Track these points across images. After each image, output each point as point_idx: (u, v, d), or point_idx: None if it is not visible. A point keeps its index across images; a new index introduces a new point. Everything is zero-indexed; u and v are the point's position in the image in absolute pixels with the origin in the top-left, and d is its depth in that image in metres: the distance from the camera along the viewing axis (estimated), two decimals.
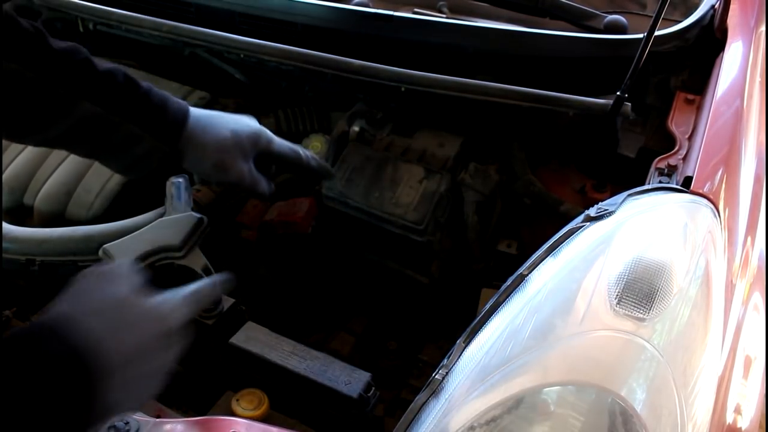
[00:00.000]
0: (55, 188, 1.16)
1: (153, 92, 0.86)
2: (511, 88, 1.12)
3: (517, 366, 0.68)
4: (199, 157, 0.91)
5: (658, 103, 1.21)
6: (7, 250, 1.02)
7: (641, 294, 0.71)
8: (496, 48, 1.23)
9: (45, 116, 0.81)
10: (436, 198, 1.11)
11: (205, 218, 1.01)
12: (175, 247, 0.95)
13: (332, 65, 1.20)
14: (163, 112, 0.86)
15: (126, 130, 0.85)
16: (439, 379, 0.72)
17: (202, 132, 0.90)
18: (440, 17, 1.40)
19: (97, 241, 0.99)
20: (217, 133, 0.91)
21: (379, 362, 1.16)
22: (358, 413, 0.84)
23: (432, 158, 1.18)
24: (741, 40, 1.23)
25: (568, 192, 1.18)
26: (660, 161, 1.00)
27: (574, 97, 1.11)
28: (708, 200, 0.87)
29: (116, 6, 1.39)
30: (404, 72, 1.16)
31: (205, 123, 0.91)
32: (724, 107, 1.06)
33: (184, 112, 0.89)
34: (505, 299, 0.77)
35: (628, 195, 0.88)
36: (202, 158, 0.91)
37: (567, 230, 0.84)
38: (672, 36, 1.19)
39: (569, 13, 1.34)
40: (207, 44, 1.29)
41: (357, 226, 1.16)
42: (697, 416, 0.67)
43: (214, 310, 0.93)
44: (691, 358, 0.70)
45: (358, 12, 1.29)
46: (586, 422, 0.64)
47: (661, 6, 0.98)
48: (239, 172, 0.92)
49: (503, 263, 1.14)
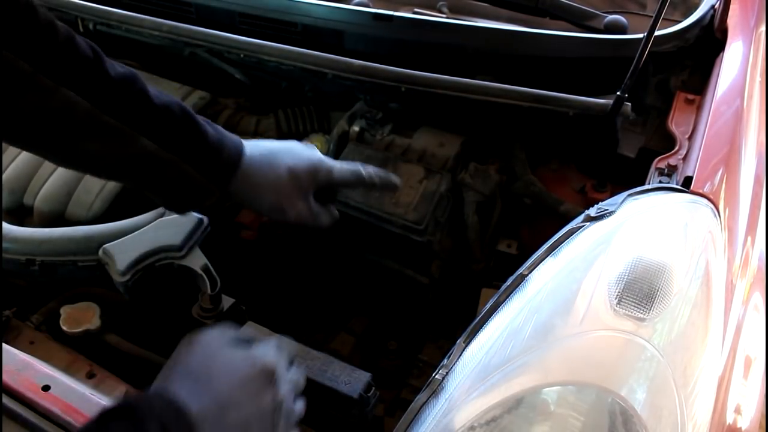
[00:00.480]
0: (55, 188, 1.16)
1: (209, 131, 0.83)
2: (512, 88, 1.12)
3: (517, 366, 0.68)
4: (255, 199, 0.88)
5: (658, 103, 1.21)
6: (7, 250, 1.02)
7: (641, 294, 0.71)
8: (496, 48, 1.23)
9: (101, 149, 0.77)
10: (436, 198, 1.11)
11: (205, 218, 1.01)
12: (175, 247, 0.96)
13: (332, 65, 1.20)
14: (218, 153, 0.83)
15: (179, 168, 0.81)
16: (439, 379, 0.72)
17: (257, 171, 0.86)
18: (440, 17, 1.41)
19: (97, 241, 0.99)
20: (273, 172, 0.87)
21: (379, 362, 1.16)
22: (358, 413, 0.84)
23: (432, 158, 1.18)
24: (741, 40, 1.23)
25: (568, 192, 1.18)
26: (660, 161, 1.00)
27: (574, 97, 1.11)
28: (708, 200, 0.87)
29: (116, 6, 1.39)
30: (404, 72, 1.16)
31: (260, 162, 0.87)
32: (724, 107, 1.06)
33: (238, 151, 0.85)
34: (505, 299, 0.77)
35: (628, 195, 0.88)
36: (259, 200, 0.88)
37: (567, 230, 0.84)
38: (672, 36, 1.19)
39: (569, 13, 1.34)
40: (207, 44, 1.29)
41: (357, 226, 1.16)
42: (697, 416, 0.67)
43: (214, 311, 0.93)
44: (691, 358, 0.70)
45: (358, 12, 1.29)
46: (586, 422, 0.64)
47: (661, 6, 0.98)
48: (298, 212, 0.89)
49: (503, 263, 1.14)
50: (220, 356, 0.64)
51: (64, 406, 0.76)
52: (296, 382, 0.69)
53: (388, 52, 1.24)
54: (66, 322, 0.97)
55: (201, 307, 0.93)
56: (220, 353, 0.64)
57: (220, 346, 0.65)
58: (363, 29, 1.28)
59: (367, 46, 1.27)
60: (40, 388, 0.77)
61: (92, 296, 1.03)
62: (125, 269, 0.93)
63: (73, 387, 0.78)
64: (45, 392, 0.77)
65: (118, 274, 0.93)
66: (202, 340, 0.65)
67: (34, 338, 0.96)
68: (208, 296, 0.92)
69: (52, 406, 0.75)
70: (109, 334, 1.00)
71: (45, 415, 0.75)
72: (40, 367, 0.81)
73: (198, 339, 0.66)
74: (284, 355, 0.69)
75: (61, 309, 0.98)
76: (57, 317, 0.98)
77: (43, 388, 0.77)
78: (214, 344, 0.65)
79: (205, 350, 0.64)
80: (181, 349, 0.65)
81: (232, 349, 0.65)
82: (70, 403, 0.76)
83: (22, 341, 0.95)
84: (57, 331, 0.97)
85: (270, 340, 0.70)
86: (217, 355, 0.64)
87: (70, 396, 0.77)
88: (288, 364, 0.70)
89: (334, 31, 1.30)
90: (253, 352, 0.66)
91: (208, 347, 0.65)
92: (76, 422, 0.74)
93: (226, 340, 0.66)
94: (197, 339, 0.66)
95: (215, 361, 0.63)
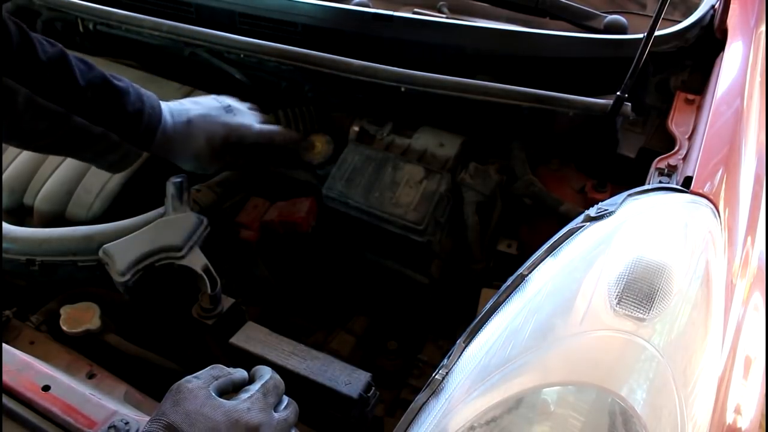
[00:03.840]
0: (55, 188, 1.16)
1: (129, 101, 0.97)
2: (511, 88, 1.12)
3: (517, 366, 0.68)
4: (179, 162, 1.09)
5: (658, 103, 1.21)
6: (7, 250, 1.02)
7: (641, 294, 0.71)
8: (496, 48, 1.23)
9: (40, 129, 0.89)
10: (436, 198, 1.11)
11: (205, 218, 1.01)
12: (175, 247, 0.96)
13: (332, 65, 1.20)
14: (139, 121, 0.98)
15: (108, 138, 0.95)
16: (439, 379, 0.72)
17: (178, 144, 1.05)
18: (440, 17, 1.40)
19: (97, 241, 0.99)
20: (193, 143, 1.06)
21: (379, 362, 1.16)
22: (358, 413, 0.84)
23: (432, 158, 1.18)
24: (741, 40, 1.23)
25: (568, 192, 1.18)
26: (660, 161, 1.00)
27: (574, 97, 1.11)
28: (708, 200, 0.87)
29: (116, 6, 1.39)
30: (404, 72, 1.16)
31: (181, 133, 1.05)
32: (724, 107, 1.06)
33: (157, 118, 1.01)
34: (505, 299, 0.77)
35: (628, 195, 0.88)
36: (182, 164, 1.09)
37: (567, 230, 0.84)
38: (672, 36, 1.19)
39: (569, 13, 1.34)
40: (207, 44, 1.29)
41: (357, 226, 1.16)
42: (697, 416, 0.67)
43: (214, 311, 0.93)
44: (691, 358, 0.70)
45: (358, 12, 1.29)
46: (586, 422, 0.64)
47: (661, 6, 0.98)
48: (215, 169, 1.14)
49: (503, 263, 1.14)
50: (202, 414, 0.64)
51: (64, 406, 0.76)
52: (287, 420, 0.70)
53: (388, 52, 1.24)
54: (66, 322, 0.97)
55: (201, 307, 0.93)
56: (202, 410, 0.64)
57: (204, 401, 0.65)
58: (363, 29, 1.28)
59: (367, 46, 1.27)
60: (40, 388, 0.77)
61: (92, 296, 1.03)
62: (125, 269, 0.93)
63: (73, 387, 0.78)
64: (45, 392, 0.77)
65: (118, 274, 0.93)
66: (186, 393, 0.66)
67: (34, 338, 0.96)
68: (208, 296, 0.92)
69: (52, 406, 0.75)
70: (109, 334, 1.00)
71: (45, 415, 0.75)
72: (40, 367, 0.81)
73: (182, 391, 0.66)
74: (274, 394, 0.70)
75: (61, 309, 0.98)
76: (57, 317, 0.98)
77: (43, 388, 0.77)
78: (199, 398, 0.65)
79: (188, 406, 0.64)
80: (166, 401, 0.65)
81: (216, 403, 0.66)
82: (70, 403, 0.76)
83: (22, 341, 0.95)
84: (57, 331, 0.97)
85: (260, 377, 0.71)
86: (199, 412, 0.64)
87: (70, 396, 0.77)
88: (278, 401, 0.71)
89: (334, 31, 1.30)
90: (237, 407, 0.66)
91: (193, 402, 0.65)
92: (76, 422, 0.74)
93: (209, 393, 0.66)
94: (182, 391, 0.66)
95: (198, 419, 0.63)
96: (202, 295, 0.93)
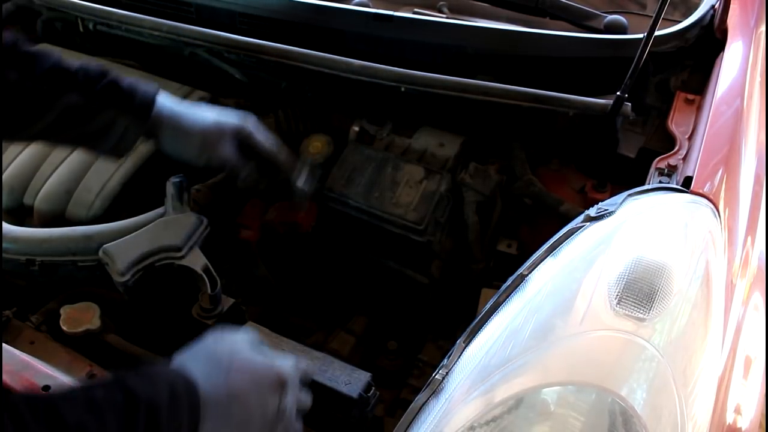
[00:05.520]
0: (55, 188, 1.16)
1: (121, 79, 0.94)
2: (511, 88, 1.12)
3: (517, 366, 0.68)
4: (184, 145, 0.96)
5: (658, 103, 1.21)
6: (7, 250, 1.02)
7: (641, 294, 0.71)
8: (496, 48, 1.23)
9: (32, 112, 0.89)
10: (436, 198, 1.11)
11: (205, 218, 1.01)
12: (175, 247, 0.95)
13: (332, 65, 1.20)
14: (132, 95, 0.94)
15: (103, 114, 0.92)
16: (439, 379, 0.72)
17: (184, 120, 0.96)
18: (440, 17, 1.40)
19: (97, 241, 0.99)
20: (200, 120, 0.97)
21: (379, 362, 1.16)
22: (358, 413, 0.84)
23: (432, 158, 1.18)
24: (741, 40, 1.23)
25: (568, 192, 1.18)
26: (660, 161, 1.00)
27: (574, 97, 1.11)
28: (708, 200, 0.87)
29: (116, 6, 1.39)
30: (404, 72, 1.16)
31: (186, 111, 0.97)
32: (724, 107, 1.06)
33: (152, 93, 0.96)
34: (505, 299, 0.77)
35: (628, 195, 0.88)
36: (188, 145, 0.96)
37: (567, 230, 0.84)
38: (672, 36, 1.19)
39: (569, 13, 1.34)
40: (207, 44, 1.29)
41: (357, 225, 1.16)
42: (697, 416, 0.67)
43: (214, 311, 0.93)
44: (691, 358, 0.70)
45: (359, 12, 1.29)
46: (586, 422, 0.64)
47: (661, 6, 0.98)
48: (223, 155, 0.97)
49: (503, 263, 1.14)
50: (243, 353, 0.69)
51: None
52: (302, 403, 0.73)
53: (388, 52, 1.24)
54: (66, 322, 0.97)
55: (201, 307, 0.93)
56: (243, 351, 0.70)
57: (245, 346, 0.71)
58: (363, 29, 1.28)
59: (367, 46, 1.27)
60: (40, 388, 0.77)
61: (92, 296, 1.03)
62: (125, 269, 0.93)
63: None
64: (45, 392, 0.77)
65: (118, 274, 0.93)
66: (231, 336, 0.71)
67: (34, 338, 0.96)
68: (208, 296, 0.92)
69: None
70: (109, 334, 1.00)
71: None
72: (40, 367, 0.81)
73: (227, 334, 0.71)
74: (299, 373, 0.73)
75: (61, 309, 0.98)
76: (57, 317, 0.98)
77: (43, 388, 0.77)
78: (240, 342, 0.71)
79: (232, 345, 0.70)
80: (209, 336, 0.70)
81: (256, 352, 0.71)
82: None
83: (22, 341, 0.95)
84: (57, 331, 0.97)
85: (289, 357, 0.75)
86: (241, 351, 0.69)
87: None
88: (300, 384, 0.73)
89: (335, 31, 1.30)
90: (273, 360, 0.70)
91: (235, 343, 0.70)
92: None
93: (252, 343, 0.71)
94: (227, 333, 0.71)
95: (237, 356, 0.68)
96: (202, 295, 0.93)
